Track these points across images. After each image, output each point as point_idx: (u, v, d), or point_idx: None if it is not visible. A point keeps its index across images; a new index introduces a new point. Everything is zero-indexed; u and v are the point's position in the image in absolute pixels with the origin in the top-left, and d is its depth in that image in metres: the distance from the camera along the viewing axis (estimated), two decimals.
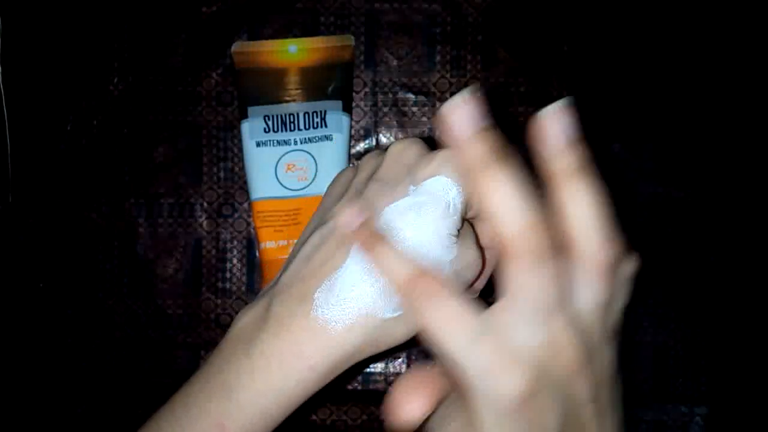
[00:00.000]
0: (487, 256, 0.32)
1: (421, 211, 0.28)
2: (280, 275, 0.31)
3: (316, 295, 0.28)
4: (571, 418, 0.24)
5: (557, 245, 0.24)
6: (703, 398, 0.49)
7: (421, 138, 0.32)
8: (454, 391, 0.25)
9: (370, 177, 0.31)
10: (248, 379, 0.28)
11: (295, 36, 0.49)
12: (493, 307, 0.24)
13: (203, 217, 0.49)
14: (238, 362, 0.29)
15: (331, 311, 0.28)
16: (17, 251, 0.48)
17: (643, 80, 0.49)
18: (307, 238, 0.31)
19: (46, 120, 0.49)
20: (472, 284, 0.31)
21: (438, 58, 0.49)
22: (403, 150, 0.31)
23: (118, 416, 0.48)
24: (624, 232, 0.25)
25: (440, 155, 0.29)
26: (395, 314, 0.28)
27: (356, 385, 0.49)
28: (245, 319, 0.30)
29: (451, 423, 0.25)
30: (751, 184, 0.49)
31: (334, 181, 0.35)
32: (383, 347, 0.29)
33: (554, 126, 0.25)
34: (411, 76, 0.49)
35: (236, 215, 0.49)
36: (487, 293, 0.32)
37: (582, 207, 0.24)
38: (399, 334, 0.29)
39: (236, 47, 0.48)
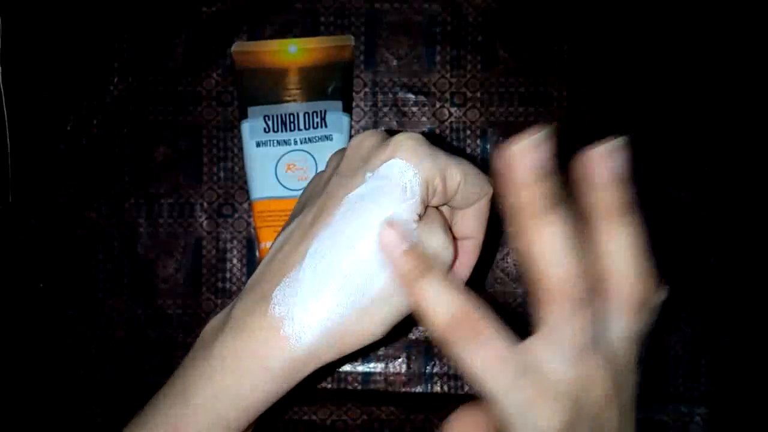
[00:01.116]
0: (468, 246, 0.31)
1: (376, 196, 0.27)
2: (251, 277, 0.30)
3: (274, 294, 0.27)
4: None
5: (595, 285, 0.25)
6: (703, 398, 0.49)
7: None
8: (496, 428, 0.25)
9: (334, 169, 0.31)
10: (205, 382, 0.27)
11: (295, 36, 0.49)
12: (529, 342, 0.25)
13: (203, 217, 0.49)
14: (198, 366, 0.28)
15: (290, 310, 0.27)
16: (17, 251, 0.48)
17: (644, 80, 0.49)
18: (275, 240, 0.31)
19: (46, 120, 0.48)
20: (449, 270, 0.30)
21: (438, 58, 0.49)
22: (361, 141, 0.30)
23: (118, 416, 0.48)
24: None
25: (395, 139, 0.29)
26: (362, 309, 0.27)
27: (356, 385, 0.49)
28: (211, 324, 0.30)
29: None
30: (751, 184, 0.49)
31: (310, 182, 0.34)
32: (348, 349, 0.28)
33: (604, 164, 0.26)
34: (411, 76, 0.49)
35: (236, 215, 0.49)
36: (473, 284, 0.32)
37: (621, 246, 0.25)
38: (366, 334, 0.28)
39: (236, 47, 0.48)
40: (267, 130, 0.47)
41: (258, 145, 0.47)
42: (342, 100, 0.47)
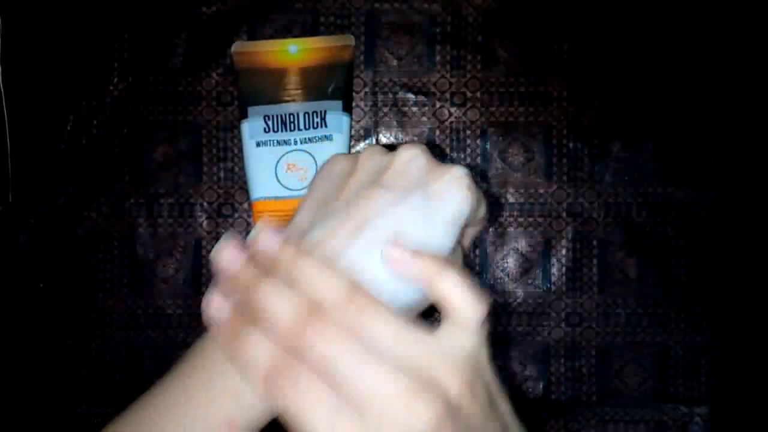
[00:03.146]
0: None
1: (430, 214, 0.29)
2: None
3: None
4: None
5: None
6: (703, 398, 0.49)
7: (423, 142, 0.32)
8: None
9: (373, 181, 0.30)
10: (224, 393, 0.28)
11: (295, 36, 0.49)
12: None
13: (203, 217, 0.49)
14: (216, 373, 0.29)
15: None
16: (17, 251, 0.48)
17: (644, 80, 0.49)
18: (303, 234, 0.30)
19: (46, 120, 0.49)
20: None
21: (438, 58, 0.49)
22: (411, 160, 0.30)
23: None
24: (625, 233, 0.25)
25: (452, 170, 0.30)
26: None
27: None
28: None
29: None
30: (751, 184, 0.49)
31: (324, 170, 0.33)
32: None
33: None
34: (411, 76, 0.49)
35: (236, 215, 0.49)
36: None
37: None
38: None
39: (236, 47, 0.48)
40: (267, 130, 0.47)
41: (258, 145, 0.47)
42: (342, 100, 0.47)
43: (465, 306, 0.26)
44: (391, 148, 0.31)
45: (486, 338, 0.27)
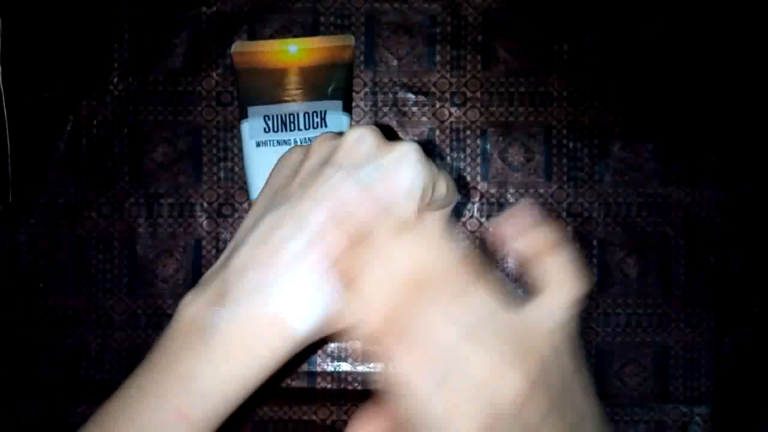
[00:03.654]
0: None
1: (382, 189, 0.29)
2: (228, 258, 0.30)
3: (271, 277, 0.28)
4: None
5: None
6: (703, 398, 0.49)
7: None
8: None
9: (324, 162, 0.30)
10: (209, 368, 0.28)
11: (295, 36, 0.49)
12: None
13: (203, 217, 0.49)
14: (195, 351, 0.28)
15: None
16: (17, 251, 0.48)
17: (644, 80, 0.49)
18: (257, 221, 0.30)
19: (46, 120, 0.49)
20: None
21: (438, 58, 0.49)
22: (360, 138, 0.30)
23: None
24: (625, 233, 0.26)
25: (400, 145, 0.29)
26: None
27: (356, 385, 0.49)
28: (196, 306, 0.29)
29: None
30: (751, 184, 0.49)
31: (280, 161, 0.34)
32: (341, 325, 0.29)
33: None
34: (411, 76, 0.49)
35: (236, 215, 0.49)
36: None
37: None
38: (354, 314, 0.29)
39: (236, 47, 0.48)
40: (267, 130, 0.47)
41: (258, 145, 0.47)
42: (342, 100, 0.47)
43: (570, 282, 0.29)
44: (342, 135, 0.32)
45: (576, 316, 0.29)
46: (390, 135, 0.32)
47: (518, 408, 0.26)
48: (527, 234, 0.30)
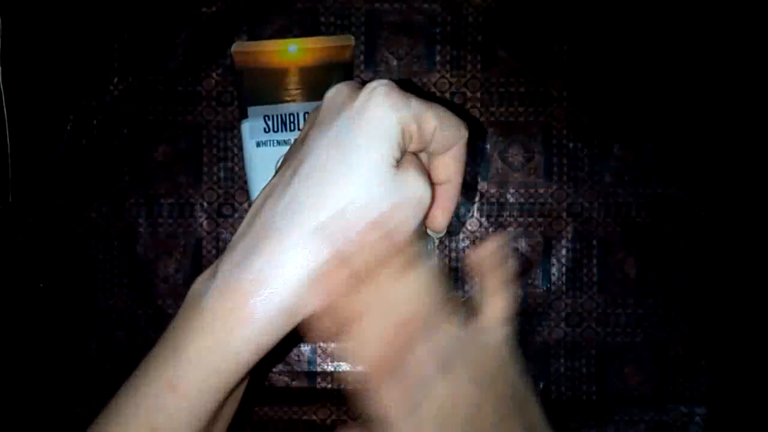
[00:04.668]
0: (446, 191, 0.32)
1: (353, 138, 0.28)
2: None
3: (258, 248, 0.28)
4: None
5: None
6: (703, 398, 0.49)
7: None
8: None
9: (311, 125, 0.31)
10: (197, 336, 0.28)
11: (295, 36, 0.49)
12: None
13: (203, 217, 0.49)
14: (189, 322, 0.28)
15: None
16: (17, 251, 0.48)
17: (643, 80, 0.49)
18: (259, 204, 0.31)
19: (46, 120, 0.49)
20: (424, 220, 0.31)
21: (438, 58, 0.49)
22: (336, 92, 0.30)
23: None
24: (625, 233, 0.27)
25: (368, 86, 0.29)
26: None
27: (356, 385, 0.49)
28: (198, 282, 0.30)
29: None
30: (751, 183, 0.49)
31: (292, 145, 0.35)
32: (335, 295, 0.29)
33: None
34: (411, 76, 0.49)
35: (236, 215, 0.49)
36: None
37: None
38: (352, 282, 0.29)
39: (236, 47, 0.48)
40: (267, 130, 0.47)
41: (258, 145, 0.47)
42: None
43: (500, 303, 0.31)
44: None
45: (511, 333, 0.31)
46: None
47: (475, 419, 0.28)
48: (486, 262, 0.32)
